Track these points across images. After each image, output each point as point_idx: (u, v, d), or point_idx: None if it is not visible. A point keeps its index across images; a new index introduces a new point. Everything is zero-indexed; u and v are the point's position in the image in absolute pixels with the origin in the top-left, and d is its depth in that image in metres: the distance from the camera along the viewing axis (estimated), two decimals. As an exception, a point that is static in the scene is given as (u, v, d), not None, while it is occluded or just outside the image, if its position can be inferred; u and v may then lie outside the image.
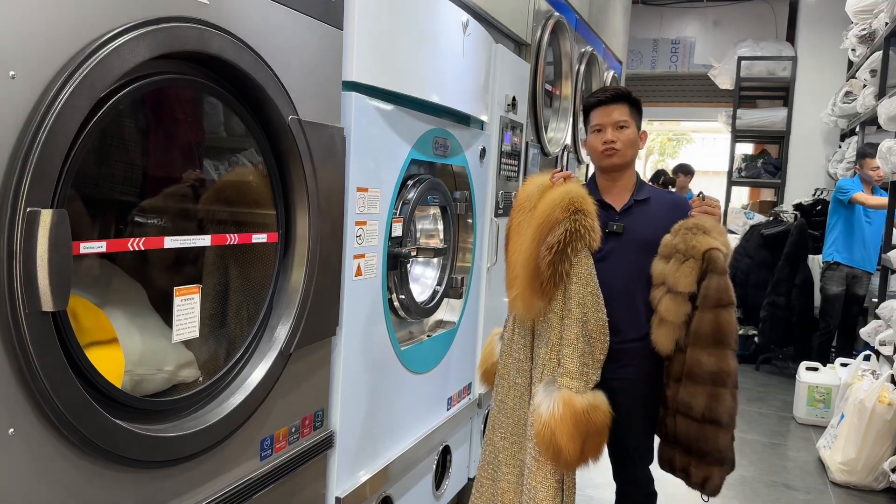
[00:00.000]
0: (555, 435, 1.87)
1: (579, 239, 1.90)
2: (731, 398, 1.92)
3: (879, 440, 3.40)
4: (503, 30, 2.91)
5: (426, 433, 2.34)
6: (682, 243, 1.92)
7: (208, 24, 1.28)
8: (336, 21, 1.68)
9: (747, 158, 7.83)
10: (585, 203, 1.92)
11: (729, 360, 1.91)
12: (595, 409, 1.90)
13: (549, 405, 1.89)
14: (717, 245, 1.90)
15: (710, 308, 1.89)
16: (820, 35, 7.13)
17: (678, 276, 1.90)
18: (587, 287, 1.93)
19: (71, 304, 1.31)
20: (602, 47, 4.68)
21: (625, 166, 2.07)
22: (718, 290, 1.89)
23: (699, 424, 1.93)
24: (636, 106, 2.07)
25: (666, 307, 1.92)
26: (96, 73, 1.07)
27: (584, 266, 1.93)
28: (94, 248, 1.19)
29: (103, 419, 1.15)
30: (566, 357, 1.93)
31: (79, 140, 1.08)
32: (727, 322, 1.90)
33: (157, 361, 1.47)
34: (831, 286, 5.18)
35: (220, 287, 1.63)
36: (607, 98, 2.04)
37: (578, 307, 1.93)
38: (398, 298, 2.12)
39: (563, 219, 1.89)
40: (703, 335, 1.90)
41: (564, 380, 1.92)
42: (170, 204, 1.56)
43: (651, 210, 2.06)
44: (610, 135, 2.01)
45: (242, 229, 1.57)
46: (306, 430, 1.73)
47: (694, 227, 1.93)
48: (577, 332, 1.93)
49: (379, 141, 1.91)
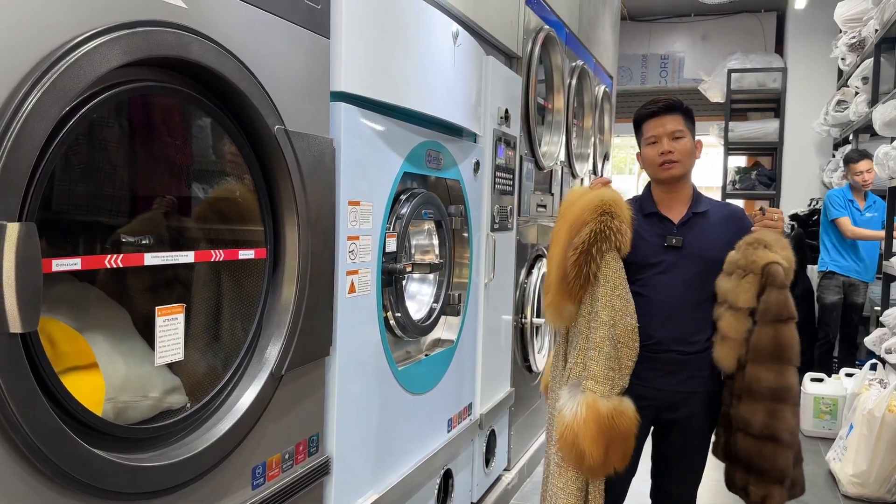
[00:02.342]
0: (577, 438, 1.84)
1: (605, 240, 1.88)
2: (792, 415, 1.88)
3: (891, 451, 3.31)
4: (494, 42, 2.88)
5: (426, 457, 2.26)
6: (742, 259, 1.90)
7: (187, 29, 1.23)
8: (322, 29, 1.63)
9: (741, 171, 7.82)
10: (616, 206, 1.91)
11: (789, 376, 1.88)
12: (621, 414, 1.87)
13: (573, 408, 1.86)
14: (777, 259, 1.87)
15: (769, 323, 1.87)
16: (809, 45, 7.16)
17: (738, 292, 1.88)
18: (615, 290, 1.91)
19: (47, 328, 1.24)
20: (593, 62, 4.67)
21: (683, 178, 2.03)
22: (778, 304, 1.86)
23: (758, 441, 1.89)
24: (689, 115, 2.04)
25: (727, 323, 1.90)
26: (66, 78, 1.01)
27: (612, 269, 1.91)
28: (68, 266, 1.12)
29: (79, 448, 1.07)
30: (591, 360, 1.90)
31: (49, 149, 1.01)
32: (787, 337, 1.87)
33: (141, 387, 1.40)
34: (828, 295, 5.15)
35: (206, 307, 1.56)
36: (660, 109, 2.01)
37: (605, 310, 1.91)
38: (394, 316, 2.05)
39: (591, 220, 1.89)
40: (762, 350, 1.87)
41: (589, 383, 1.89)
42: (152, 220, 1.49)
43: (709, 223, 2.03)
44: (667, 145, 1.98)
45: (228, 245, 1.51)
46: (300, 457, 1.65)
47: (755, 242, 1.91)
48: (602, 335, 1.90)
49: (370, 152, 1.85)
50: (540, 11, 3.42)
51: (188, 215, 1.55)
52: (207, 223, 1.57)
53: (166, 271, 1.51)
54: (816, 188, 7.03)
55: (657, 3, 7.94)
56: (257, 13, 1.41)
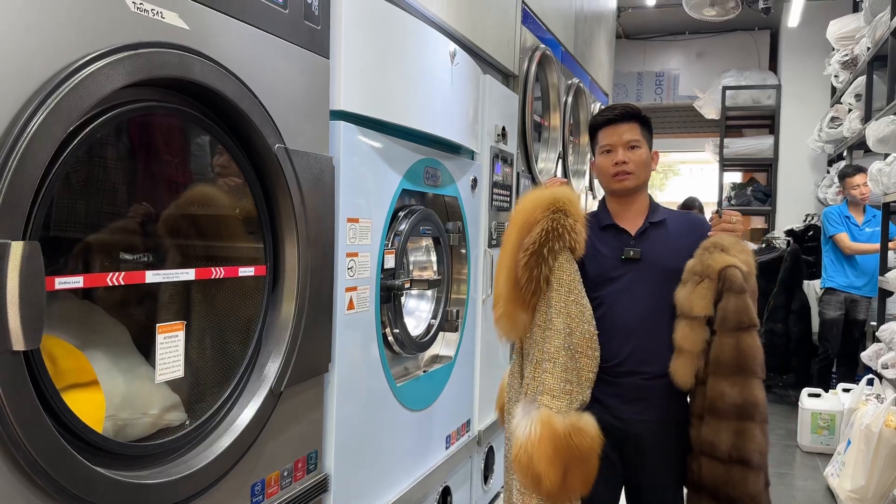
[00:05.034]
0: (532, 460, 1.68)
1: (557, 239, 1.74)
2: (761, 433, 1.71)
3: (889, 466, 3.31)
4: (490, 61, 2.91)
5: (425, 474, 2.25)
6: (698, 264, 1.77)
7: (189, 50, 1.25)
8: (322, 50, 1.65)
9: (736, 187, 7.86)
10: (570, 205, 1.78)
11: (755, 390, 1.71)
12: (579, 431, 1.69)
13: (526, 427, 1.70)
14: (734, 262, 1.73)
15: (729, 332, 1.72)
16: (802, 63, 7.23)
17: (692, 299, 1.74)
18: (570, 294, 1.76)
19: (48, 346, 1.25)
20: (588, 80, 4.71)
21: (638, 189, 1.91)
22: (737, 311, 1.71)
23: (725, 466, 1.71)
24: (647, 125, 1.92)
25: (682, 334, 1.75)
26: (71, 98, 1.03)
27: (565, 271, 1.76)
28: (71, 284, 1.13)
29: (80, 465, 1.07)
30: (546, 372, 1.74)
31: (53, 169, 1.03)
32: (750, 346, 1.71)
33: (141, 405, 1.40)
34: (829, 311, 5.15)
35: (206, 324, 1.56)
36: (617, 116, 1.88)
37: (560, 317, 1.75)
38: (392, 333, 2.06)
39: (542, 218, 1.75)
40: (723, 363, 1.72)
41: (545, 398, 1.73)
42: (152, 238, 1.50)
43: (668, 233, 1.90)
44: (621, 155, 1.85)
45: (228, 263, 1.52)
46: (299, 474, 1.65)
47: (711, 246, 1.78)
48: (558, 345, 1.74)
49: (368, 170, 1.87)
50: (536, 30, 3.46)
51: (188, 233, 1.56)
52: (207, 240, 1.58)
53: (166, 288, 1.52)
54: (812, 204, 7.07)
55: (652, 22, 8.02)
56: (258, 34, 1.43)
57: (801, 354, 5.58)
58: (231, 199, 1.56)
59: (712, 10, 5.97)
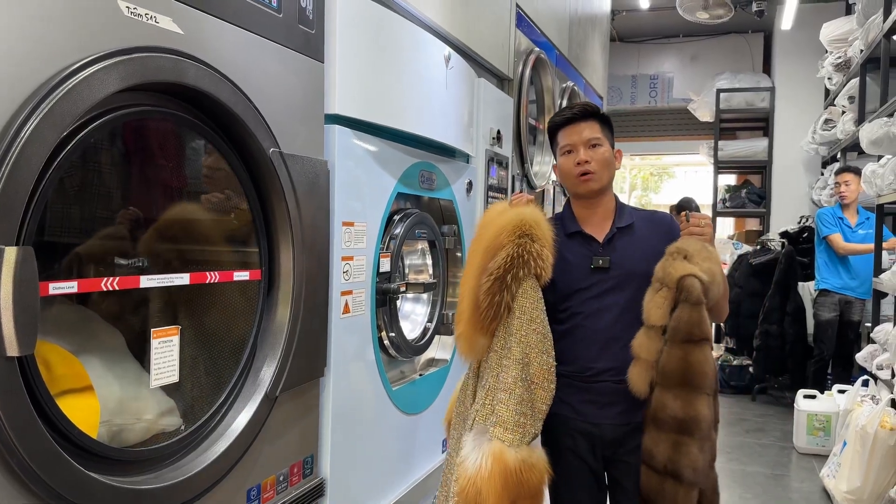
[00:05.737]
0: (481, 494, 1.60)
1: (522, 265, 1.68)
2: (699, 450, 1.67)
3: (884, 466, 3.32)
4: (485, 64, 2.91)
5: (421, 477, 2.25)
6: (660, 270, 1.73)
7: (183, 55, 1.24)
8: (317, 54, 1.65)
9: (731, 189, 7.89)
10: (537, 228, 1.72)
11: (698, 406, 1.67)
12: (531, 468, 1.64)
13: (477, 459, 1.62)
14: (693, 271, 1.68)
15: (678, 343, 1.68)
16: (795, 65, 7.26)
17: (650, 307, 1.71)
18: (531, 324, 1.71)
19: (42, 351, 1.24)
20: (583, 83, 4.72)
21: (603, 191, 1.87)
22: (689, 322, 1.67)
23: (660, 477, 1.70)
24: (607, 123, 1.88)
25: (639, 342, 1.72)
26: (64, 104, 1.02)
27: (529, 298, 1.71)
28: (65, 289, 1.12)
29: (75, 471, 1.07)
30: (500, 403, 1.67)
31: (47, 174, 1.03)
32: (698, 361, 1.67)
33: (136, 410, 1.40)
34: (823, 312, 5.17)
35: (201, 328, 1.56)
36: (575, 115, 1.85)
37: (519, 346, 1.69)
38: (388, 336, 2.05)
39: (508, 243, 1.69)
40: (669, 374, 1.68)
41: (497, 430, 1.66)
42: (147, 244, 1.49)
43: (636, 237, 1.86)
44: (583, 154, 1.82)
45: (224, 267, 1.51)
46: (295, 479, 1.65)
47: (675, 252, 1.74)
48: (515, 376, 1.68)
49: (364, 174, 1.87)
50: (530, 34, 3.46)
51: (183, 238, 1.55)
52: (202, 245, 1.58)
53: (161, 293, 1.52)
54: (806, 206, 7.10)
55: (646, 25, 8.05)
56: (253, 38, 1.43)
57: (796, 356, 5.59)
58: (226, 204, 1.56)
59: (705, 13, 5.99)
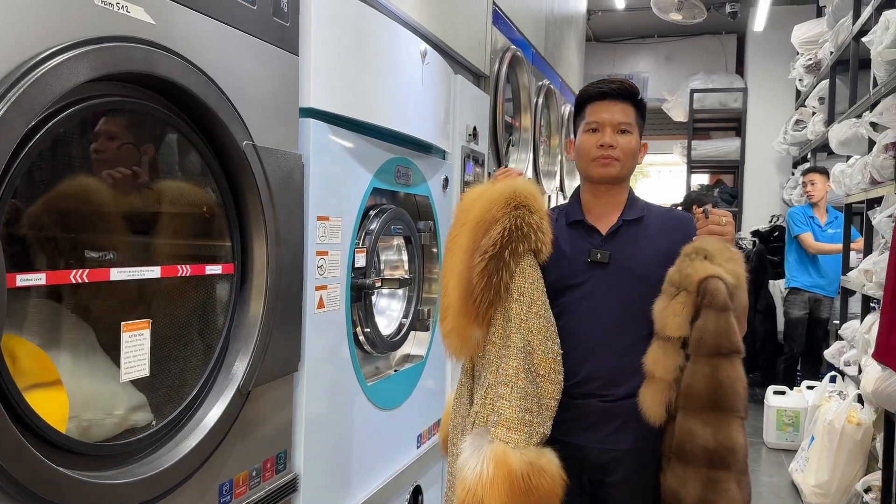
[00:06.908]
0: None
1: (522, 239, 1.47)
2: (737, 487, 1.41)
3: (851, 461, 3.39)
4: (462, 61, 2.92)
5: (396, 473, 2.25)
6: (676, 273, 1.48)
7: (155, 45, 1.23)
8: (292, 47, 1.64)
9: (704, 188, 7.99)
10: (533, 199, 1.52)
11: (733, 433, 1.40)
12: (540, 472, 1.42)
13: (477, 465, 1.41)
14: (717, 272, 1.43)
15: (704, 357, 1.41)
16: (768, 66, 7.37)
17: (666, 315, 1.45)
18: (532, 307, 1.50)
19: (9, 345, 1.22)
20: (559, 81, 4.74)
21: (620, 180, 1.65)
22: (717, 332, 1.40)
23: None
24: (642, 111, 1.65)
25: (653, 358, 1.47)
26: (32, 93, 1.01)
27: (527, 279, 1.50)
28: (33, 280, 1.11)
29: (43, 466, 1.05)
30: (502, 399, 1.46)
31: (14, 164, 1.01)
32: (729, 378, 1.40)
33: (106, 405, 1.38)
34: (793, 310, 5.26)
35: (172, 322, 1.54)
36: (613, 90, 1.60)
37: (520, 332, 1.48)
38: (363, 332, 2.05)
39: (502, 216, 1.48)
40: (695, 395, 1.42)
41: (499, 430, 1.45)
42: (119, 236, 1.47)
43: (644, 232, 1.64)
44: (609, 138, 1.59)
45: (196, 261, 1.50)
46: (268, 474, 1.64)
47: (693, 252, 1.49)
48: (516, 366, 1.47)
49: (339, 168, 1.86)
50: (507, 32, 3.47)
51: (155, 230, 1.54)
52: (175, 238, 1.56)
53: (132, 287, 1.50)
54: (777, 205, 7.21)
55: (622, 25, 8.11)
56: (226, 30, 1.42)
57: (766, 353, 5.68)
58: (199, 196, 1.54)
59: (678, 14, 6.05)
